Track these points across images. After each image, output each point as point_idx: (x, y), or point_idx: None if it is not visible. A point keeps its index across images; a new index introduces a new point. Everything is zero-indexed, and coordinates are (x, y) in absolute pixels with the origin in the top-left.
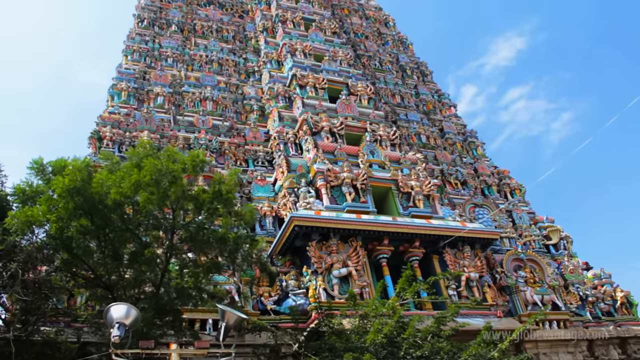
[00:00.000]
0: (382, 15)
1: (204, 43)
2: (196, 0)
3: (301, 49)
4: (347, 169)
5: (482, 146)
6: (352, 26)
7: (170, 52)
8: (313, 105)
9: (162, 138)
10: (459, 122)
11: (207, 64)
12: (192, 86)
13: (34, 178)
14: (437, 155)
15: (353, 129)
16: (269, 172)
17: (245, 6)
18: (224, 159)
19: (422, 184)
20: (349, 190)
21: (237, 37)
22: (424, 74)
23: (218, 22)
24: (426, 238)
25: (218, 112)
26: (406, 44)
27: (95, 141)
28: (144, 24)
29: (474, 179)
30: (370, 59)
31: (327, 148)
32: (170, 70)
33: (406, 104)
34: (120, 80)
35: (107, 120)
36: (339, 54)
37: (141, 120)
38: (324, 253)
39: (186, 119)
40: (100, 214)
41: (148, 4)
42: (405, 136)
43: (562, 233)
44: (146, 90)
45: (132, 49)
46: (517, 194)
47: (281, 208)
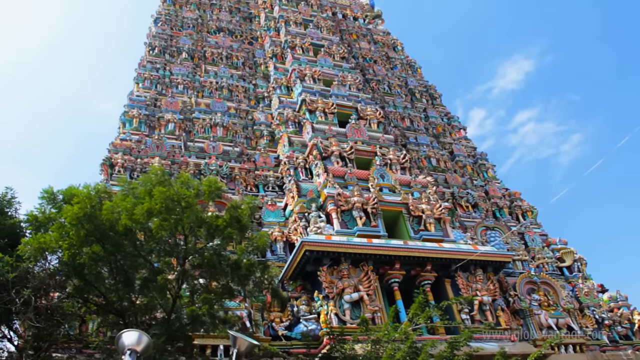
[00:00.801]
0: (390, 39)
1: (214, 70)
2: (206, 28)
3: (310, 74)
4: (357, 193)
5: (492, 168)
6: (361, 51)
7: (181, 79)
8: (323, 130)
9: (173, 164)
10: (469, 145)
11: (217, 90)
12: (202, 112)
13: (46, 206)
14: (448, 178)
15: (363, 153)
16: (279, 197)
17: (255, 33)
18: (235, 185)
19: (433, 207)
20: (360, 214)
21: (247, 64)
22: (433, 97)
23: (228, 49)
24: (438, 262)
25: (228, 137)
26: (415, 67)
27: (107, 168)
28: (155, 52)
29: (485, 202)
30: (379, 83)
31: (337, 172)
32: (180, 97)
33: (416, 127)
34: (131, 107)
35: (118, 147)
36: (348, 78)
37: (152, 146)
38: (335, 278)
39: (197, 145)
40: (111, 240)
41: (159, 32)
42: (415, 159)
43: (575, 255)
44: (157, 117)
45: (143, 76)
46: (529, 216)
47: (292, 233)
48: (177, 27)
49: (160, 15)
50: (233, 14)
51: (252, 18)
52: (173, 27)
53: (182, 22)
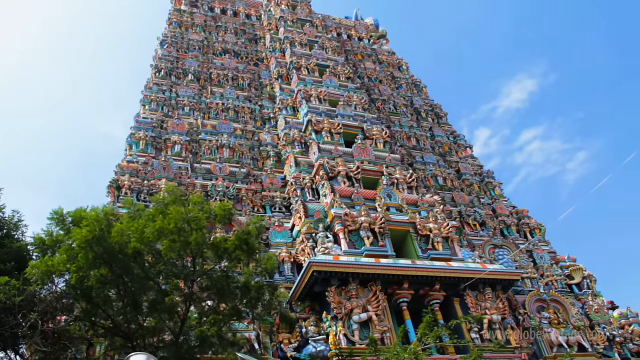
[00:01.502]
0: (395, 59)
1: (220, 91)
2: (212, 50)
3: (316, 95)
4: (364, 213)
5: (499, 186)
6: (366, 71)
7: (187, 101)
8: (329, 151)
9: (180, 186)
10: (476, 163)
11: (223, 111)
12: (209, 134)
13: (54, 228)
14: (455, 197)
15: (370, 173)
16: (286, 218)
17: (260, 54)
18: (242, 206)
19: (441, 227)
20: (367, 234)
21: (253, 85)
22: (438, 116)
23: (234, 70)
24: (447, 281)
25: (235, 159)
26: (420, 87)
27: (114, 190)
28: (162, 74)
29: (493, 220)
30: (385, 103)
31: (344, 193)
32: (187, 119)
33: (422, 146)
34: (138, 129)
35: (125, 169)
36: (354, 98)
37: (159, 168)
38: (343, 298)
39: (204, 167)
40: (120, 263)
41: (165, 55)
42: (422, 179)
43: (585, 272)
44: (164, 139)
45: (150, 98)
46: (537, 234)
47: (299, 254)
48: (183, 50)
49: (167, 38)
50: (239, 36)
51: (257, 40)
52: (179, 49)
53: (188, 45)
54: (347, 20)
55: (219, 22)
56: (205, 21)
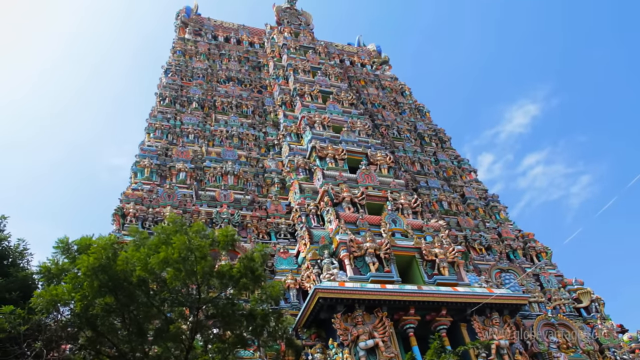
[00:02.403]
0: (398, 84)
1: (224, 119)
2: (216, 78)
3: (320, 121)
4: (369, 238)
5: (504, 210)
6: (369, 97)
7: (192, 129)
8: (333, 176)
9: (185, 213)
10: (480, 187)
11: (227, 139)
12: (213, 161)
13: (59, 256)
14: (460, 221)
15: (374, 198)
16: (291, 244)
17: (264, 81)
18: (247, 233)
19: (446, 251)
20: (373, 260)
21: (257, 112)
22: (442, 140)
23: (237, 97)
24: (453, 306)
25: (239, 186)
26: (423, 111)
27: (119, 218)
28: (166, 102)
29: (499, 244)
30: (389, 128)
31: (348, 218)
32: (191, 146)
33: (426, 171)
34: (143, 157)
35: (130, 196)
36: (357, 124)
37: (164, 196)
38: (349, 325)
39: (208, 194)
40: (125, 291)
41: (169, 83)
42: (427, 203)
43: (592, 295)
44: (168, 167)
45: (154, 126)
46: (543, 257)
47: (305, 280)
48: (187, 78)
49: (171, 66)
50: (242, 63)
51: (261, 67)
52: (183, 77)
53: (192, 73)
54: (350, 47)
55: (223, 50)
56: (208, 49)
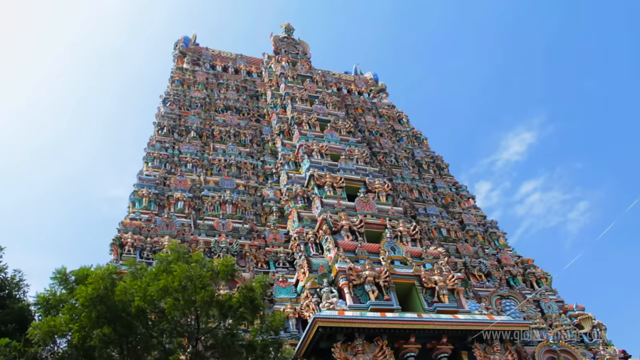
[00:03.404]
0: (395, 112)
1: (222, 147)
2: (214, 107)
3: (317, 149)
4: (368, 266)
5: (503, 236)
6: (367, 124)
7: (190, 158)
8: (332, 205)
9: (183, 242)
10: (479, 214)
11: (225, 167)
12: (211, 190)
13: (57, 287)
14: (459, 248)
15: (373, 226)
16: (290, 273)
17: (262, 110)
18: (245, 262)
19: (446, 278)
20: (372, 288)
21: (255, 141)
22: (440, 167)
23: (235, 126)
24: (454, 334)
25: (238, 214)
26: (420, 139)
27: (117, 247)
28: (164, 132)
29: (498, 270)
30: (386, 156)
31: (347, 247)
32: (189, 175)
33: (424, 198)
34: (141, 186)
35: (128, 226)
36: (355, 152)
37: (162, 225)
38: (349, 354)
39: (206, 223)
40: (123, 322)
41: (168, 112)
42: (426, 230)
43: (594, 321)
44: (167, 196)
45: (152, 155)
46: (543, 283)
47: (304, 309)
48: (185, 107)
49: (169, 96)
50: (240, 92)
51: (258, 96)
52: (181, 106)
53: (190, 102)
54: (347, 75)
55: (221, 79)
56: (206, 78)
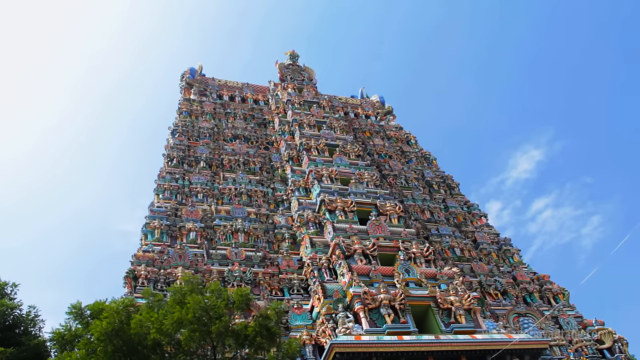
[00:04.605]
0: (403, 134)
1: (232, 176)
2: (222, 136)
3: (327, 174)
4: (383, 290)
5: (518, 253)
6: (375, 147)
7: (200, 188)
8: (344, 229)
9: (196, 273)
10: (492, 232)
11: (236, 196)
12: (223, 219)
13: (72, 322)
14: (474, 267)
15: (386, 249)
16: (305, 299)
17: (270, 138)
18: (259, 290)
19: (462, 298)
20: (388, 311)
21: (264, 168)
22: (450, 187)
23: (244, 155)
24: (472, 354)
25: (250, 243)
26: (430, 159)
27: (131, 280)
28: (174, 163)
29: (514, 288)
30: (396, 178)
31: (361, 270)
32: (200, 206)
33: (436, 218)
34: (152, 218)
35: (141, 258)
36: (365, 176)
37: (175, 256)
38: None
39: (219, 253)
40: (139, 355)
41: (177, 144)
42: (439, 251)
43: (615, 335)
44: (178, 227)
45: (163, 187)
46: (560, 299)
47: (320, 335)
48: (194, 137)
49: (177, 127)
50: (248, 121)
51: (266, 124)
52: (190, 137)
53: (198, 132)
54: (353, 99)
55: (228, 108)
56: (214, 108)
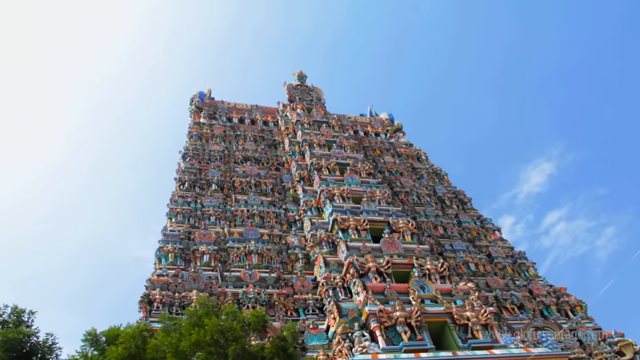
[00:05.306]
0: (413, 150)
1: (244, 198)
2: (233, 159)
3: (339, 193)
4: (399, 307)
5: (533, 266)
6: (386, 165)
7: (213, 211)
8: (357, 247)
9: (211, 296)
10: (506, 245)
11: (249, 218)
12: (236, 241)
13: (88, 348)
14: (489, 281)
15: (400, 266)
16: (320, 319)
17: (281, 159)
18: (274, 311)
19: (478, 314)
20: (404, 329)
21: (276, 189)
22: (462, 202)
23: (256, 177)
24: None
25: (264, 264)
26: (441, 175)
27: (146, 305)
28: (186, 186)
29: (531, 301)
30: (408, 195)
31: (376, 289)
32: (213, 228)
33: (450, 234)
34: (166, 242)
35: (155, 283)
36: (377, 193)
37: (189, 280)
38: None
39: (233, 275)
40: None
41: (188, 167)
42: (454, 266)
43: (636, 347)
44: (192, 250)
45: (175, 211)
46: (578, 311)
47: (337, 355)
48: (205, 160)
49: (188, 151)
50: (258, 142)
51: (276, 145)
52: (201, 160)
53: (209, 155)
54: (362, 117)
55: (238, 131)
56: (224, 131)
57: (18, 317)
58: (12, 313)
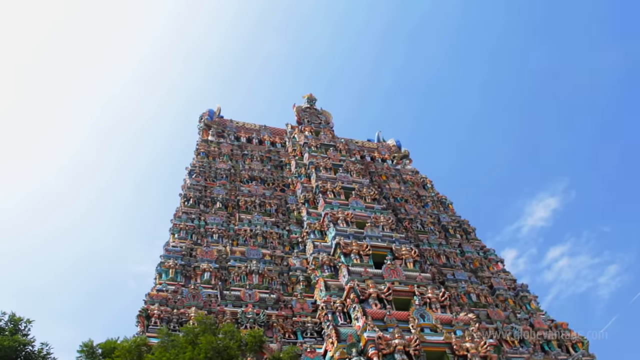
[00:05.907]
0: (419, 178)
1: (248, 218)
2: (239, 178)
3: (343, 217)
4: (398, 335)
5: (535, 300)
6: (391, 191)
7: (216, 228)
8: (359, 273)
9: (210, 314)
10: (508, 277)
11: (251, 238)
12: (237, 260)
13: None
14: (490, 313)
15: (401, 293)
16: (318, 343)
17: (286, 180)
18: (273, 332)
19: (478, 345)
20: (402, 357)
21: (280, 210)
22: (466, 231)
23: (260, 197)
24: None
25: (264, 284)
26: (446, 203)
27: (143, 319)
28: (190, 203)
29: (532, 335)
30: (412, 222)
31: (376, 315)
32: (216, 246)
33: (452, 263)
34: (167, 258)
35: (155, 297)
36: (381, 219)
37: (189, 296)
38: None
39: (233, 294)
40: None
41: (194, 184)
42: (455, 296)
43: None
44: (193, 267)
45: (178, 227)
46: (579, 347)
47: None
48: (211, 178)
49: (195, 168)
50: (264, 163)
51: (283, 166)
52: (207, 178)
53: (215, 173)
54: (370, 143)
55: (245, 150)
56: (231, 150)
57: (15, 325)
58: (9, 321)
